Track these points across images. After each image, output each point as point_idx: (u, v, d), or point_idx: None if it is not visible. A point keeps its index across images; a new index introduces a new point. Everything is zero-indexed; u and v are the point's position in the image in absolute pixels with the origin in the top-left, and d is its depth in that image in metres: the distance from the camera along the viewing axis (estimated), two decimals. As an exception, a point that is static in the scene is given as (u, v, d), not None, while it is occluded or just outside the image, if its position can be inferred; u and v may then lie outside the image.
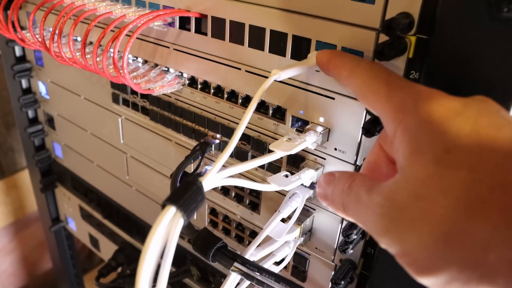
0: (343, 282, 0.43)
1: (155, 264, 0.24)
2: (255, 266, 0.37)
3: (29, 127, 0.80)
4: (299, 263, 0.49)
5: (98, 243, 0.87)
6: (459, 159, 0.22)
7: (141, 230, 0.73)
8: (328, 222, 0.44)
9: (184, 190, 0.26)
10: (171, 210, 0.25)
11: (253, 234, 0.52)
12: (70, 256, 1.01)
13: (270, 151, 0.36)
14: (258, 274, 0.37)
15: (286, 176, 0.40)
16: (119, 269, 0.77)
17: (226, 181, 0.30)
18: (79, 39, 0.61)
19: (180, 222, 0.25)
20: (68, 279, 1.04)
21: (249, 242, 0.52)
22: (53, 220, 0.95)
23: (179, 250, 0.64)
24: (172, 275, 0.64)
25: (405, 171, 0.24)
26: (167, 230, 0.25)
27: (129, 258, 0.75)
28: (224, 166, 0.29)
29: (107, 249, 0.84)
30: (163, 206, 0.26)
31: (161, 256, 0.25)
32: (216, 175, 0.29)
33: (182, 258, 0.65)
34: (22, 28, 0.64)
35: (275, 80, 0.34)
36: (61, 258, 1.00)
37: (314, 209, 0.45)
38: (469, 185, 0.21)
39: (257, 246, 0.40)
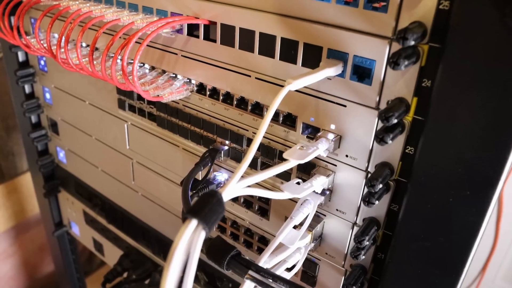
0: (354, 287, 0.43)
1: (178, 276, 0.25)
2: (269, 274, 0.37)
3: (32, 132, 0.80)
4: (309, 268, 0.49)
5: (102, 248, 0.87)
6: None
7: (147, 235, 0.73)
8: (339, 228, 0.44)
9: (205, 203, 0.27)
10: (193, 222, 0.26)
11: (262, 240, 0.53)
12: (73, 260, 1.01)
13: (283, 159, 0.36)
14: (272, 281, 0.37)
15: (298, 183, 0.40)
16: (125, 274, 0.77)
17: (244, 191, 0.30)
18: (83, 45, 0.61)
19: (202, 235, 0.26)
20: (71, 283, 1.04)
21: (258, 248, 0.53)
22: (56, 225, 0.95)
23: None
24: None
25: None
26: (189, 242, 0.25)
27: (134, 263, 0.75)
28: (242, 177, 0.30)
29: (111, 254, 0.84)
30: (184, 219, 0.26)
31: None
32: (235, 186, 0.29)
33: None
34: (26, 33, 0.64)
35: (288, 89, 0.35)
36: (64, 263, 1.00)
37: (325, 215, 0.45)
38: None
39: (270, 253, 0.40)
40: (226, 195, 0.28)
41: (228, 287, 0.62)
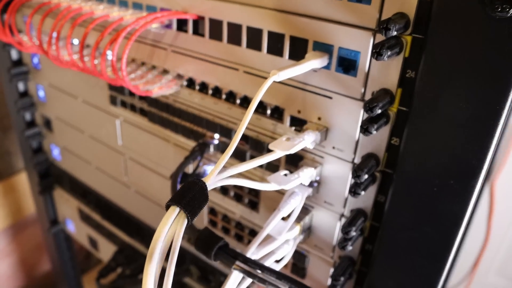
0: (342, 279, 0.43)
1: (161, 263, 0.25)
2: (256, 264, 0.37)
3: (27, 130, 0.80)
4: (298, 260, 0.49)
5: (97, 244, 0.87)
6: None
7: (140, 231, 0.73)
8: (327, 220, 0.45)
9: (187, 191, 0.27)
10: (175, 210, 0.26)
11: (253, 233, 0.53)
12: (69, 258, 1.01)
13: (270, 151, 0.36)
14: (260, 272, 0.37)
15: (286, 175, 0.40)
16: (119, 270, 0.77)
17: (228, 181, 0.30)
18: (75, 42, 0.61)
19: (184, 222, 0.26)
20: (67, 280, 1.04)
21: (249, 241, 0.53)
22: (52, 222, 0.95)
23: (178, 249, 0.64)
24: (172, 275, 0.65)
25: None
26: (171, 230, 0.26)
27: (128, 259, 0.76)
28: (224, 167, 0.30)
29: (106, 250, 0.84)
30: (167, 206, 0.26)
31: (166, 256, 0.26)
32: (218, 175, 0.29)
33: (182, 257, 0.66)
34: (19, 31, 0.64)
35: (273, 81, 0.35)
36: (60, 260, 1.01)
37: (313, 207, 0.45)
38: None
39: (258, 244, 0.41)
40: (210, 183, 0.28)
41: (220, 281, 0.62)
